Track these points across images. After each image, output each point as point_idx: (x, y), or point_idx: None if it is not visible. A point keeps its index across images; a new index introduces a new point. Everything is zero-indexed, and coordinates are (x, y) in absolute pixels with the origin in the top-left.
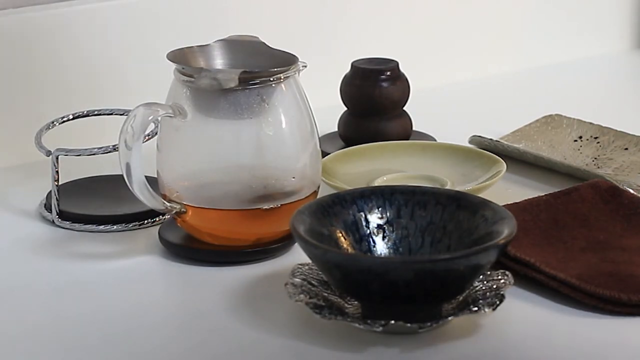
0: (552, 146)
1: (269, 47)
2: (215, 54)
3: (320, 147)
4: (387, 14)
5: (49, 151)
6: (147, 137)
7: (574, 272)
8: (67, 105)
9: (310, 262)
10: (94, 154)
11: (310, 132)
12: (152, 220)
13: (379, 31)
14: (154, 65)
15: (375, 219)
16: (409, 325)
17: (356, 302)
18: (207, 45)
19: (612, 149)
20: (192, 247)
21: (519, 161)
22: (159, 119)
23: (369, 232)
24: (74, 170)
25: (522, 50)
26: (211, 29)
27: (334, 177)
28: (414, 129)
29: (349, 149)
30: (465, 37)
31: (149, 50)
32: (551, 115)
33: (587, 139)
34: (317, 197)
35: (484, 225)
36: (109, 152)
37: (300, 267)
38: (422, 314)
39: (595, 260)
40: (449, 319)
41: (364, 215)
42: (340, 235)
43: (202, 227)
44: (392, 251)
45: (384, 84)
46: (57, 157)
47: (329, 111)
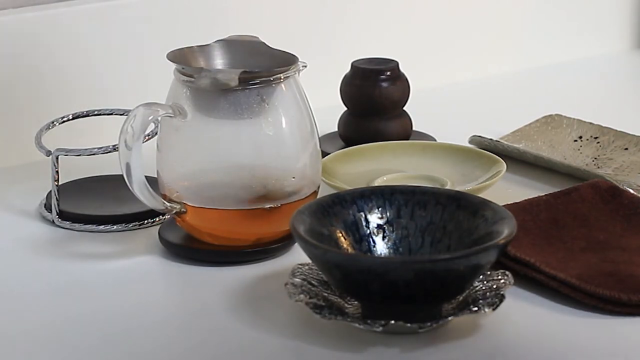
0: (552, 146)
1: (269, 47)
2: (215, 54)
3: (320, 147)
4: (387, 14)
5: (49, 151)
6: (147, 137)
7: (574, 272)
8: (67, 105)
9: (310, 262)
10: (94, 154)
11: (310, 132)
12: (152, 220)
13: (379, 31)
14: (154, 65)
15: (375, 219)
16: (409, 325)
17: (356, 302)
18: (207, 45)
19: (612, 149)
20: (192, 247)
21: (519, 161)
22: (159, 119)
23: (369, 232)
24: (74, 170)
25: (522, 50)
26: (211, 29)
27: (334, 177)
28: (414, 129)
29: (349, 149)
30: (465, 37)
31: (149, 50)
32: (551, 115)
33: (587, 139)
34: (317, 197)
35: (484, 225)
36: (109, 152)
37: (300, 267)
38: (422, 314)
39: (595, 260)
40: (449, 319)
41: (364, 215)
42: (340, 235)
43: (202, 227)
44: (392, 251)
45: (384, 84)
46: (57, 157)
47: (329, 111)
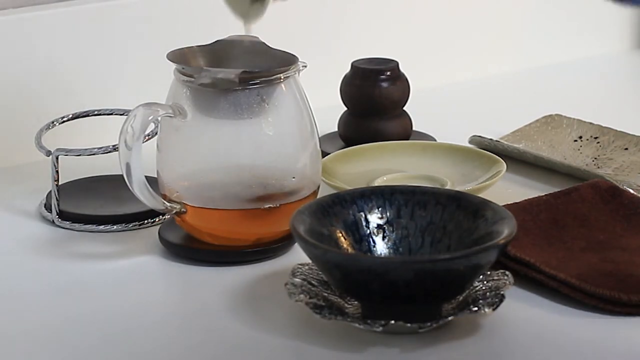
0: (552, 146)
1: (269, 47)
2: (215, 54)
3: (320, 147)
4: (387, 14)
5: (49, 151)
6: (147, 137)
7: (574, 272)
8: (67, 105)
9: (310, 262)
10: (94, 154)
11: (310, 132)
12: (152, 220)
13: (379, 31)
14: (154, 65)
15: (375, 219)
16: (409, 325)
17: (356, 302)
18: (207, 45)
19: (612, 149)
20: (192, 247)
21: (519, 161)
22: (159, 119)
23: (369, 232)
24: (74, 170)
25: (522, 50)
26: (211, 29)
27: (334, 177)
28: (414, 129)
29: (349, 149)
30: (465, 37)
31: (149, 50)
32: (551, 115)
33: (587, 139)
34: (317, 197)
35: (484, 225)
36: (109, 152)
37: (300, 267)
38: (422, 314)
39: (595, 260)
40: (449, 319)
41: (364, 215)
42: (340, 235)
43: (202, 227)
44: (392, 251)
45: (384, 84)
46: (57, 157)
47: (329, 111)
